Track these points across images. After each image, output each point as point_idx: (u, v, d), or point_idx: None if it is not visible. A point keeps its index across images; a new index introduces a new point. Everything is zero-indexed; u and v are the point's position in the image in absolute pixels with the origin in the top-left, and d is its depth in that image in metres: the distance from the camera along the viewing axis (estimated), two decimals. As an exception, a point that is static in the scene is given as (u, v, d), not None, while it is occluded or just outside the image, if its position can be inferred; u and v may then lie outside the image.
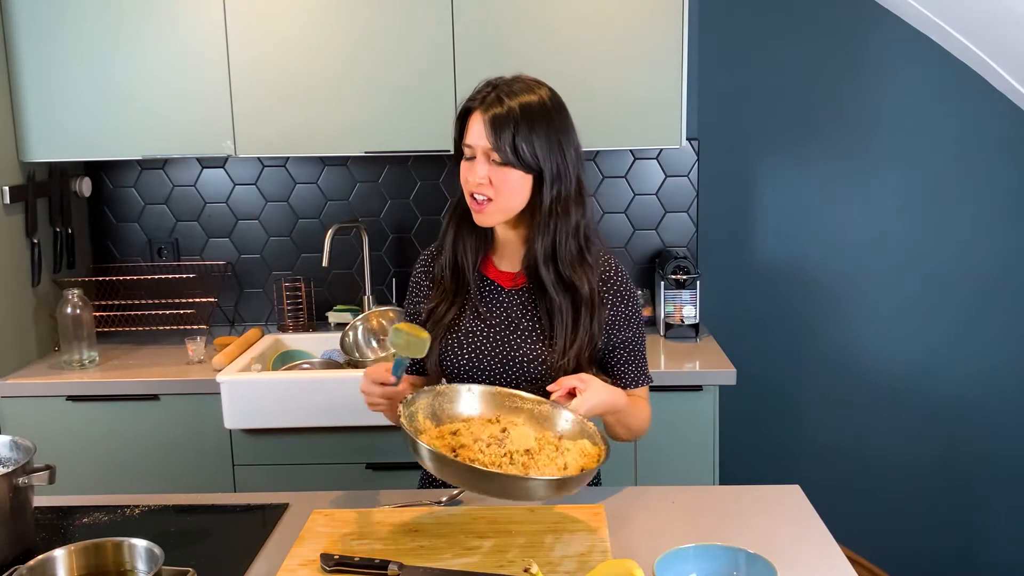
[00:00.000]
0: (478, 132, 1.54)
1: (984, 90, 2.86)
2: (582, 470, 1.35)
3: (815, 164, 2.98)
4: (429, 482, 1.77)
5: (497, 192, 1.54)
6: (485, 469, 1.28)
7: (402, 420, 1.37)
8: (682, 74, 2.56)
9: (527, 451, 1.35)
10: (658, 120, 2.58)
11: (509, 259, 1.68)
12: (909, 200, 2.96)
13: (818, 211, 2.99)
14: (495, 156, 1.53)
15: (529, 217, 1.60)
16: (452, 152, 1.66)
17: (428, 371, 1.71)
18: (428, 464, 1.31)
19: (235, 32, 2.56)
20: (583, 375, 1.50)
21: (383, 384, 1.48)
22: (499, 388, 1.53)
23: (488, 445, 1.35)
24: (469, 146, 1.55)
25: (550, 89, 1.60)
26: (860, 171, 2.96)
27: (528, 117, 1.53)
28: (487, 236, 1.67)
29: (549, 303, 1.61)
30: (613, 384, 1.63)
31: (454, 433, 1.40)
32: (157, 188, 3.02)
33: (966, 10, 2.61)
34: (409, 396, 1.44)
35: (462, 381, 1.63)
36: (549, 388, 1.48)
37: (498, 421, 1.45)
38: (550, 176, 1.56)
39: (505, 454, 1.33)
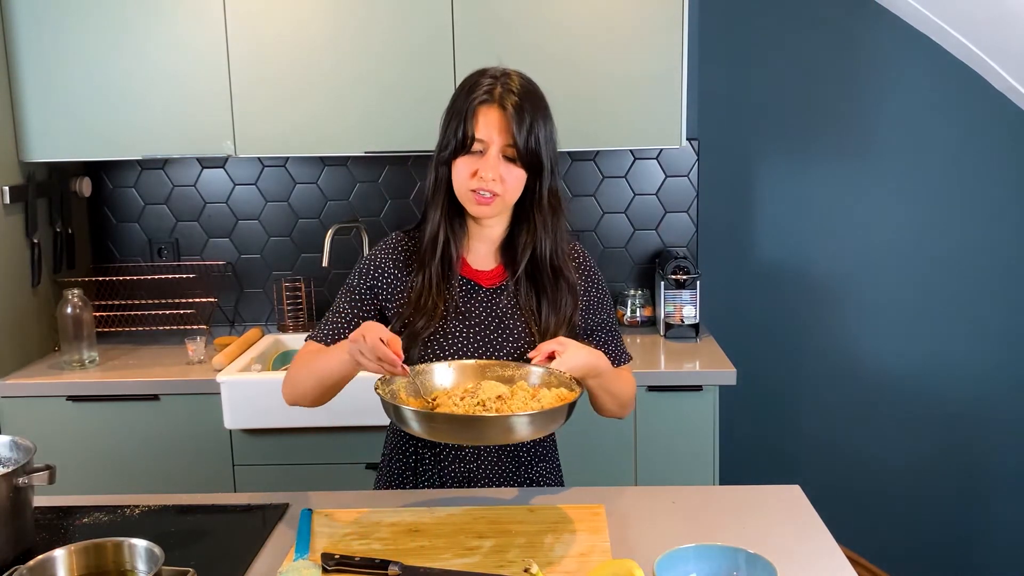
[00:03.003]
0: (495, 126, 1.51)
1: (984, 90, 2.86)
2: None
3: (815, 164, 2.98)
4: (388, 484, 1.75)
5: (505, 187, 1.53)
6: (464, 415, 1.35)
7: (382, 395, 1.38)
8: (682, 74, 2.56)
9: (499, 397, 1.40)
10: (658, 120, 2.58)
11: (483, 257, 1.66)
12: (909, 200, 2.96)
13: (818, 211, 2.99)
14: (509, 151, 1.52)
15: (518, 212, 1.60)
16: (447, 151, 1.57)
17: None
18: (413, 426, 1.34)
19: (235, 32, 2.56)
20: (560, 338, 1.52)
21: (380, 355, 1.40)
22: (477, 360, 1.54)
23: (461, 399, 1.41)
24: (481, 140, 1.52)
25: (532, 81, 1.59)
26: (860, 171, 2.96)
27: (535, 110, 1.53)
28: (465, 234, 1.64)
29: (540, 296, 1.62)
30: None
31: (433, 399, 1.45)
32: (157, 188, 3.02)
33: (966, 10, 2.61)
34: (386, 377, 1.44)
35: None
36: (529, 355, 1.50)
37: (475, 385, 1.48)
38: (548, 169, 1.56)
39: (479, 403, 1.39)
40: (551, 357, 1.48)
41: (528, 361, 1.50)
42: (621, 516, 1.51)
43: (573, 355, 1.48)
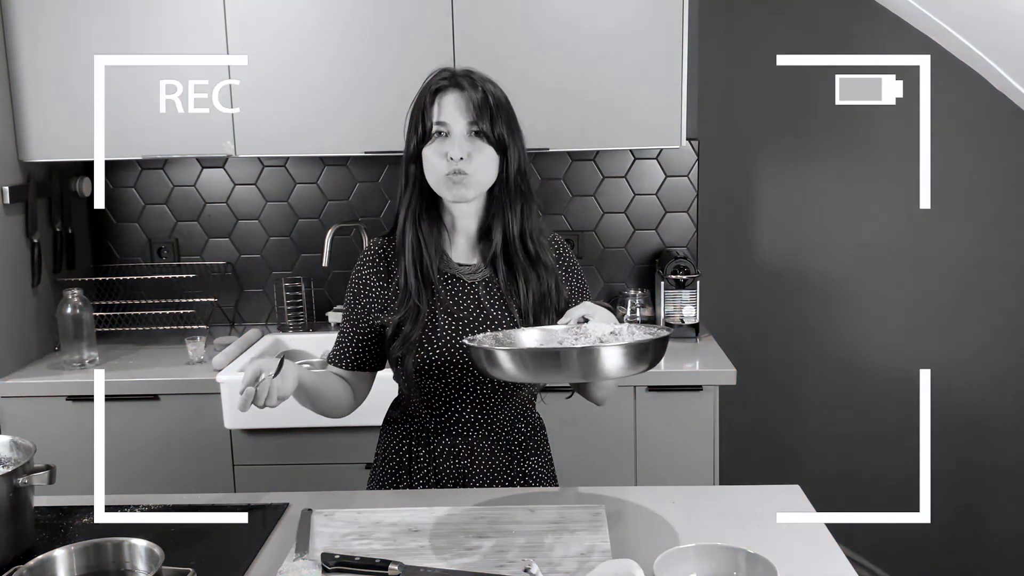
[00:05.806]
0: (457, 107, 1.56)
1: (984, 90, 2.86)
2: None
3: (815, 164, 2.98)
4: (382, 482, 1.76)
5: (476, 166, 1.56)
6: (604, 345, 1.27)
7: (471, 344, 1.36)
8: (682, 74, 2.56)
9: (612, 333, 1.38)
10: (658, 120, 2.58)
11: (464, 252, 1.68)
12: (908, 200, 2.96)
13: (818, 211, 2.99)
14: (474, 128, 1.56)
15: (489, 201, 1.63)
16: (411, 146, 1.61)
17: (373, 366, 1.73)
18: (525, 369, 1.28)
19: (235, 32, 2.56)
20: (586, 303, 1.51)
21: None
22: (546, 326, 1.53)
23: (576, 339, 1.38)
24: (443, 123, 1.56)
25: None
26: (859, 171, 2.96)
27: (496, 100, 1.59)
28: (442, 231, 1.67)
29: (516, 284, 1.63)
30: None
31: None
32: (157, 188, 3.02)
33: (965, 10, 2.61)
34: (467, 339, 1.42)
35: (432, 377, 1.62)
36: (559, 322, 1.49)
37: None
38: (513, 156, 1.60)
39: (596, 340, 1.37)
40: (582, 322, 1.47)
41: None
42: (621, 516, 1.51)
43: (604, 317, 1.47)
